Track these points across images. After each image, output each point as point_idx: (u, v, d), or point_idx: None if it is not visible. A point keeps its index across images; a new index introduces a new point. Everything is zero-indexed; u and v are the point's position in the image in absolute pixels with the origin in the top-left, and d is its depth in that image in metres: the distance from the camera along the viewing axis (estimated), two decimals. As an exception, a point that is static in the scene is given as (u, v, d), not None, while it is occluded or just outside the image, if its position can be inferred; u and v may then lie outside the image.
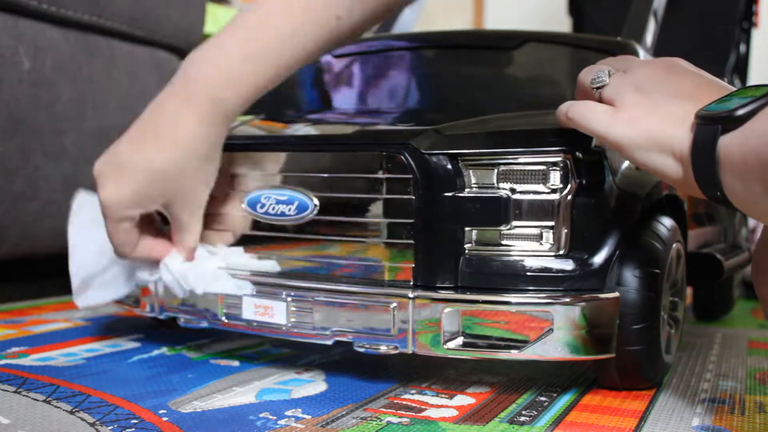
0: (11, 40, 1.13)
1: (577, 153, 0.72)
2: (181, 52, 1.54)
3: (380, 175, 0.76)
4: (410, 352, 0.74)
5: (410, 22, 1.30)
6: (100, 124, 1.30)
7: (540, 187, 0.72)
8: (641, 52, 0.92)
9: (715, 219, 1.11)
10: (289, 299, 0.79)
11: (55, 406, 0.68)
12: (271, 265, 0.81)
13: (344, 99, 1.02)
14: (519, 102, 0.92)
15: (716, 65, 1.56)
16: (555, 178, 0.72)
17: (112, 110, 1.33)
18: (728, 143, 0.58)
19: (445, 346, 0.73)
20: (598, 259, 0.73)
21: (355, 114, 0.95)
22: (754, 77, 2.04)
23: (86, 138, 1.27)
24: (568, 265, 0.72)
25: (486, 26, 2.92)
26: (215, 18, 2.09)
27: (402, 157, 0.74)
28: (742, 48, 1.67)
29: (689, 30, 1.53)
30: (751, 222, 1.51)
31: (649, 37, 0.99)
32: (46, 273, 1.40)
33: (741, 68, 1.69)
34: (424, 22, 1.46)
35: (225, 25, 0.75)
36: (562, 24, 2.17)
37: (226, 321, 0.83)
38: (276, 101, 1.09)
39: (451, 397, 0.75)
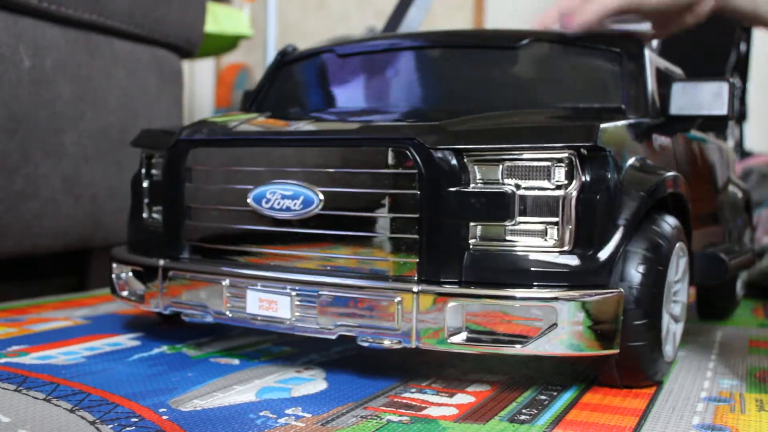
0: (11, 38, 1.13)
1: (582, 150, 0.72)
2: (181, 51, 1.54)
3: (385, 170, 0.76)
4: (414, 346, 0.74)
5: (416, 21, 1.30)
6: (99, 122, 1.30)
7: (545, 183, 0.72)
8: (647, 52, 0.91)
9: (719, 219, 1.11)
10: (294, 293, 0.79)
11: (55, 405, 0.68)
12: None
13: (349, 97, 1.02)
14: (524, 100, 0.92)
15: (717, 64, 1.56)
16: (560, 174, 0.72)
17: (111, 109, 1.33)
18: None
19: (449, 341, 0.73)
20: (602, 255, 0.73)
21: (360, 111, 0.95)
22: (755, 76, 2.04)
23: (86, 137, 1.27)
24: (573, 260, 0.72)
25: (486, 25, 2.92)
26: (215, 17, 2.09)
27: (407, 153, 0.75)
28: (743, 47, 1.67)
29: (690, 28, 1.53)
30: (754, 219, 1.51)
31: None
32: (46, 272, 1.40)
33: (741, 67, 1.69)
34: (425, 21, 1.46)
35: None
36: (563, 23, 2.17)
37: (230, 315, 0.83)
38: (281, 100, 1.09)
39: (451, 396, 0.75)
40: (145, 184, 0.95)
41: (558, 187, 0.72)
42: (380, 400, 0.73)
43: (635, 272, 0.75)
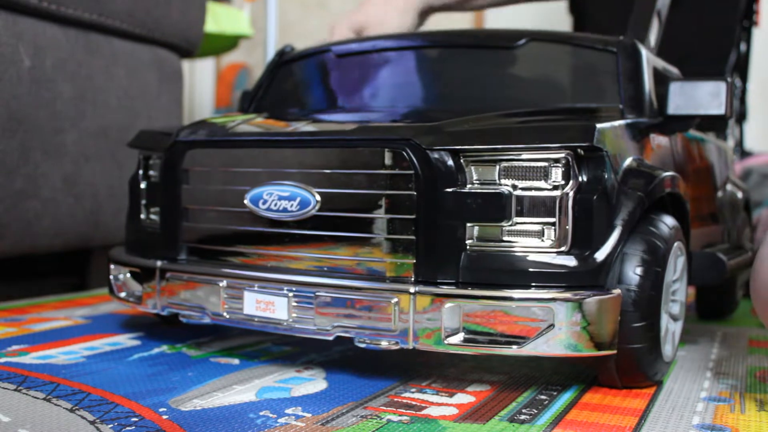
0: (11, 38, 1.13)
1: (579, 150, 0.72)
2: (181, 51, 1.54)
3: (382, 170, 0.76)
4: (411, 347, 0.74)
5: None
6: (100, 122, 1.30)
7: (542, 184, 0.72)
8: (644, 52, 0.91)
9: (718, 219, 1.11)
10: (291, 294, 0.79)
11: (56, 404, 0.68)
12: None
13: (347, 97, 1.03)
14: (521, 100, 0.92)
15: (717, 63, 1.56)
16: (557, 174, 0.72)
17: (112, 108, 1.33)
18: None
19: (446, 342, 0.73)
20: (600, 256, 0.73)
21: (358, 111, 0.96)
22: (755, 75, 2.04)
23: (86, 136, 1.27)
24: (570, 261, 0.72)
25: (486, 24, 2.92)
26: (215, 16, 2.09)
27: (404, 153, 0.74)
28: (743, 46, 1.67)
29: (690, 28, 1.53)
30: (753, 219, 1.51)
31: (653, 36, 0.99)
32: (46, 271, 1.40)
33: (741, 67, 1.69)
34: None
35: None
36: (563, 22, 2.17)
37: (227, 317, 0.83)
38: (279, 100, 1.09)
39: (451, 396, 0.75)
40: (142, 186, 0.95)
41: (555, 188, 0.72)
42: (380, 400, 0.73)
43: (633, 274, 0.75)
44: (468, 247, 0.73)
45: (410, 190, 0.74)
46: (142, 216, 0.95)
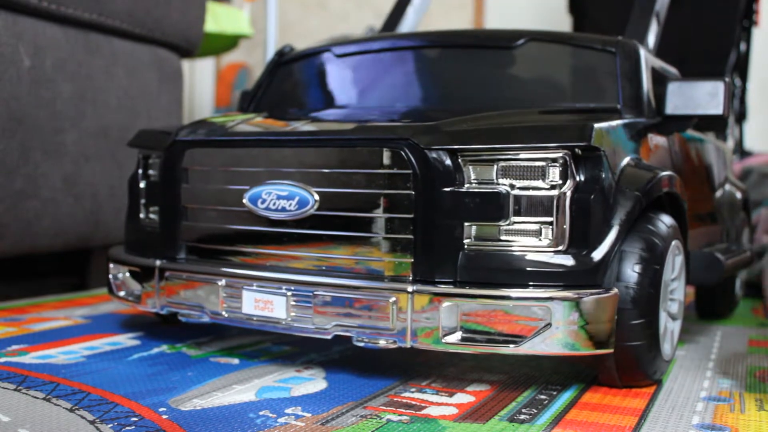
0: (11, 38, 1.13)
1: (577, 149, 0.73)
2: (181, 50, 1.54)
3: (380, 170, 0.76)
4: (409, 346, 0.74)
5: (414, 22, 1.30)
6: (100, 122, 1.30)
7: (539, 183, 0.73)
8: (643, 52, 0.92)
9: (717, 219, 1.11)
10: (289, 293, 0.79)
11: (55, 404, 0.68)
12: None
13: (347, 97, 1.03)
14: (520, 100, 0.92)
15: (717, 63, 1.56)
16: (554, 174, 0.72)
17: (112, 108, 1.33)
18: None
19: (444, 341, 0.73)
20: (597, 255, 0.73)
21: (357, 111, 0.96)
22: (755, 75, 2.04)
23: (86, 136, 1.27)
24: (567, 260, 0.72)
25: (486, 24, 2.92)
26: (215, 16, 2.09)
27: (402, 153, 0.75)
28: (743, 46, 1.68)
29: (690, 28, 1.53)
30: (753, 219, 1.51)
31: (652, 37, 0.99)
32: (45, 271, 1.40)
33: (741, 66, 1.69)
34: (423, 19, 1.46)
35: None
36: (563, 22, 2.17)
37: (226, 316, 0.83)
38: (279, 100, 1.09)
39: (451, 395, 0.75)
40: (142, 185, 0.95)
41: (552, 187, 0.72)
42: (380, 400, 0.73)
43: (631, 272, 0.75)
44: (466, 246, 0.74)
45: (408, 189, 0.74)
46: (142, 215, 0.95)
